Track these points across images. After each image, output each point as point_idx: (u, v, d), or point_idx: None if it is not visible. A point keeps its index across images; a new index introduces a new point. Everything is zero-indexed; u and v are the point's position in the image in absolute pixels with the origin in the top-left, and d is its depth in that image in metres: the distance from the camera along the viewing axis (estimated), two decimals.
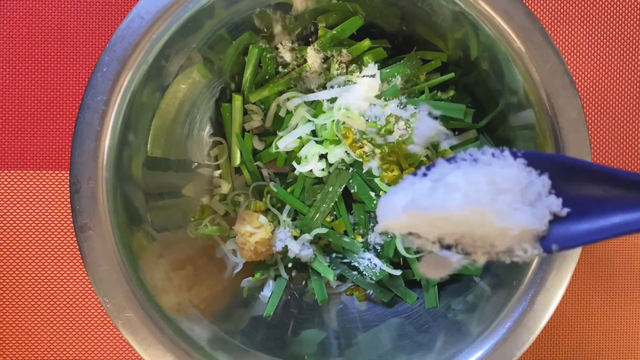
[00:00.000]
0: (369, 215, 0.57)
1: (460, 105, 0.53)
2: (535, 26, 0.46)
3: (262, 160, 0.58)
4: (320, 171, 0.54)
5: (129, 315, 0.46)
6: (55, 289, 0.61)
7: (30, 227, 0.61)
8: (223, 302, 0.56)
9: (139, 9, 0.45)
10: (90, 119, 0.45)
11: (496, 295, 0.50)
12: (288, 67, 0.56)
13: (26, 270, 0.61)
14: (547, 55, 0.45)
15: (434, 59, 0.55)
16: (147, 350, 0.46)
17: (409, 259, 0.55)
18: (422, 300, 0.56)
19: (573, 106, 0.45)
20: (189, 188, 0.57)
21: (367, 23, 0.55)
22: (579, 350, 0.62)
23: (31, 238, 0.61)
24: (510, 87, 0.49)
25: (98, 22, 0.60)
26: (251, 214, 0.56)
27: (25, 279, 0.61)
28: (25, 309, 0.61)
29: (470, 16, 0.47)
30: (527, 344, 0.46)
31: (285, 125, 0.56)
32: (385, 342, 0.54)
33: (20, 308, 0.61)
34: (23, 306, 0.61)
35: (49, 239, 0.61)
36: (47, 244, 0.61)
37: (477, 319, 0.50)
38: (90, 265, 0.45)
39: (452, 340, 0.50)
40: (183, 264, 0.53)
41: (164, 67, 0.49)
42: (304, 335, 0.56)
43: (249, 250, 0.56)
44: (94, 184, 0.45)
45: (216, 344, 0.50)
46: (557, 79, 0.45)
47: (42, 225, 0.61)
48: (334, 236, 0.56)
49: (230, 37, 0.53)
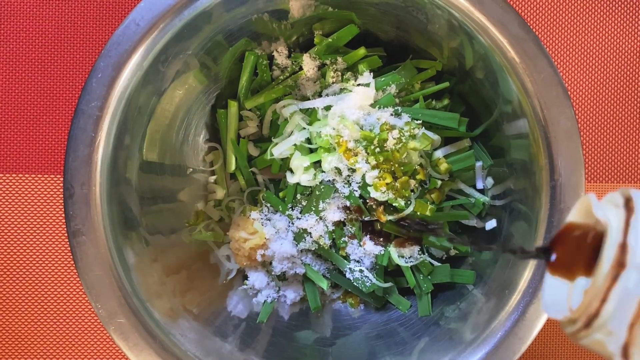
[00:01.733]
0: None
1: (454, 114, 0.53)
2: (529, 36, 0.46)
3: (257, 166, 0.58)
4: (308, 181, 0.54)
5: (121, 321, 0.46)
6: (47, 294, 0.61)
7: (23, 230, 0.61)
8: (217, 308, 0.56)
9: (135, 16, 0.45)
10: (84, 124, 0.45)
11: (488, 304, 0.50)
12: (284, 74, 0.57)
13: (19, 273, 0.61)
14: (541, 66, 0.46)
15: (429, 68, 0.55)
16: (139, 356, 0.46)
17: (403, 267, 0.55)
18: (416, 308, 0.56)
19: (566, 116, 0.46)
20: (184, 193, 0.57)
21: (362, 31, 0.55)
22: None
23: (24, 242, 0.61)
24: (504, 96, 0.49)
25: (94, 27, 0.61)
26: (246, 220, 0.56)
27: (18, 283, 0.61)
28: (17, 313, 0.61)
29: (465, 26, 0.47)
30: (518, 353, 0.46)
31: (280, 132, 0.56)
32: (379, 349, 0.54)
33: (12, 314, 0.60)
34: (15, 312, 0.61)
35: (42, 243, 0.61)
36: (41, 248, 0.61)
37: (469, 328, 0.50)
38: (83, 270, 0.45)
39: (444, 348, 0.50)
40: (177, 269, 0.53)
41: (160, 73, 0.49)
42: (297, 341, 0.56)
43: (243, 256, 0.56)
44: (87, 189, 0.45)
45: (209, 350, 0.50)
46: (551, 89, 0.46)
47: (35, 229, 0.61)
48: (323, 250, 0.56)
49: (226, 43, 0.53)
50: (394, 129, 0.51)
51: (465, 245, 0.56)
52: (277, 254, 0.55)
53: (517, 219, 0.51)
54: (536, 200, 0.47)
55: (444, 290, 0.56)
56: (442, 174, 0.54)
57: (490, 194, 0.55)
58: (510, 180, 0.52)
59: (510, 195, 0.52)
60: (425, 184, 0.54)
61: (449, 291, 0.56)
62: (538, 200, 0.47)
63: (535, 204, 0.47)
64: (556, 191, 0.46)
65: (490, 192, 0.55)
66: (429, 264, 0.56)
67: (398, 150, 0.50)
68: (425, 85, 0.56)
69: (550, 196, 0.46)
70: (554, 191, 0.46)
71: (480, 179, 0.56)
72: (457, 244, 0.56)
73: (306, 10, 0.52)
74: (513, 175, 0.51)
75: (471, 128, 0.55)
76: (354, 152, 0.51)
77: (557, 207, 0.46)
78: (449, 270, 0.55)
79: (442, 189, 0.54)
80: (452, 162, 0.54)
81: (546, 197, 0.46)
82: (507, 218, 0.53)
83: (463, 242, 0.51)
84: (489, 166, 0.55)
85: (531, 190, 0.48)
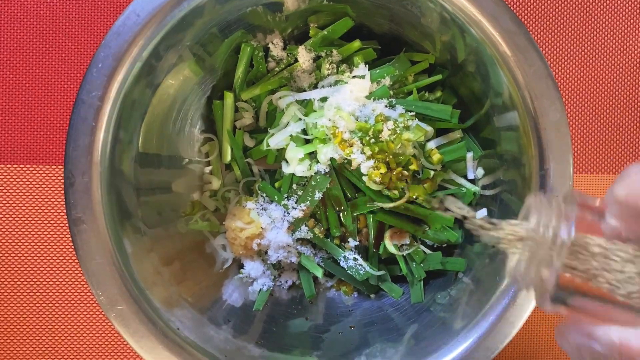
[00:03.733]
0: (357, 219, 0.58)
1: (447, 106, 0.54)
2: (520, 30, 0.47)
3: (253, 157, 0.59)
4: (303, 172, 0.55)
5: (121, 307, 0.46)
6: (47, 283, 0.61)
7: (24, 221, 0.61)
8: (213, 296, 0.56)
9: (135, 6, 0.46)
10: (85, 114, 0.45)
11: (479, 291, 0.51)
12: (279, 66, 0.57)
13: (19, 263, 0.61)
14: (532, 59, 0.47)
15: (422, 61, 0.57)
16: (139, 342, 0.46)
17: (397, 256, 0.57)
18: (408, 295, 0.58)
19: (556, 108, 0.47)
20: (180, 184, 0.58)
21: (357, 24, 0.56)
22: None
23: (25, 232, 0.61)
24: (495, 89, 0.50)
25: (92, 18, 0.61)
26: (242, 209, 0.57)
27: (17, 273, 0.61)
28: (16, 303, 0.61)
29: (458, 19, 0.48)
30: (509, 337, 0.47)
31: (277, 123, 0.57)
32: (372, 336, 0.55)
33: (11, 303, 0.61)
34: (14, 301, 0.61)
35: (42, 233, 0.61)
36: (41, 237, 0.61)
37: (461, 314, 0.51)
38: (84, 258, 0.46)
39: (436, 334, 0.51)
40: (173, 259, 0.54)
41: (157, 64, 0.49)
42: (292, 328, 0.57)
43: (239, 246, 0.56)
44: (88, 178, 0.46)
45: (206, 337, 0.50)
46: (541, 82, 0.47)
47: (36, 219, 0.61)
48: (317, 239, 0.57)
49: (222, 35, 0.53)
50: (389, 120, 0.52)
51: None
52: (273, 243, 0.56)
53: (507, 208, 0.52)
54: (525, 190, 0.49)
55: (436, 278, 0.58)
56: (435, 165, 0.55)
57: (481, 184, 0.57)
58: (500, 171, 0.53)
59: (500, 185, 0.53)
60: (419, 174, 0.55)
61: (441, 278, 0.58)
62: (527, 189, 0.48)
63: (524, 194, 0.49)
64: (546, 180, 0.47)
65: (481, 182, 0.57)
66: (422, 252, 0.57)
67: (393, 141, 0.51)
68: (418, 78, 0.57)
69: (539, 185, 0.47)
70: (543, 180, 0.47)
71: (471, 170, 0.57)
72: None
73: (301, 3, 0.53)
74: (503, 166, 0.53)
75: (463, 120, 0.57)
76: (349, 142, 0.52)
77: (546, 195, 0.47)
78: (440, 258, 0.57)
79: (435, 179, 0.55)
80: (444, 153, 0.55)
81: (535, 186, 0.48)
82: (498, 207, 0.54)
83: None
84: (480, 157, 0.56)
85: (520, 180, 0.50)
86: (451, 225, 0.56)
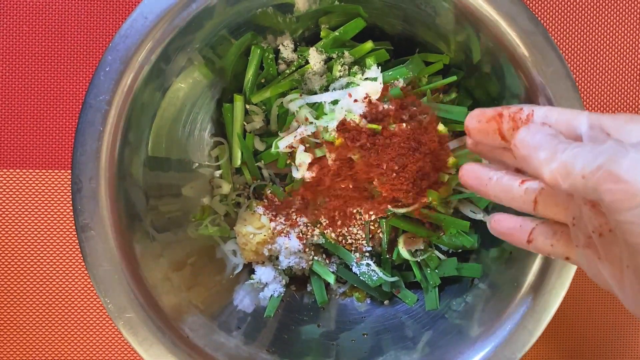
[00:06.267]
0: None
1: (462, 107, 0.53)
2: (538, 29, 0.46)
3: (264, 160, 0.58)
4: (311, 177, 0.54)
5: (130, 315, 0.45)
6: (56, 289, 0.61)
7: (31, 226, 0.60)
8: (223, 302, 0.56)
9: (143, 9, 0.45)
10: (92, 118, 0.45)
11: (496, 297, 0.50)
12: (290, 68, 0.56)
13: (27, 269, 0.60)
14: (550, 59, 0.46)
15: (436, 62, 0.55)
16: (148, 351, 0.46)
17: (411, 262, 0.56)
18: (423, 302, 0.56)
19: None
20: (190, 188, 0.57)
21: (369, 25, 0.55)
22: (579, 350, 0.62)
23: (32, 238, 0.60)
24: (512, 90, 0.49)
25: (99, 21, 0.60)
26: (252, 214, 0.56)
27: (26, 278, 0.60)
28: (25, 308, 0.60)
29: (473, 19, 0.47)
30: (527, 345, 0.46)
31: (287, 126, 0.56)
32: (385, 343, 0.54)
33: (21, 308, 0.60)
34: (23, 306, 0.60)
35: (49, 239, 0.60)
36: (48, 243, 0.60)
37: (477, 321, 0.50)
38: (91, 265, 0.45)
39: (452, 342, 0.50)
40: (183, 264, 0.53)
41: (166, 67, 0.49)
42: (303, 335, 0.56)
43: (250, 251, 0.56)
44: (95, 183, 0.45)
45: (216, 344, 0.50)
46: (559, 83, 0.46)
47: (43, 224, 0.60)
48: (329, 244, 0.56)
49: (232, 37, 0.53)
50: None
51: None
52: (284, 249, 0.55)
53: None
54: None
55: (451, 284, 0.57)
56: (450, 168, 0.54)
57: None
58: None
59: None
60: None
61: (456, 284, 0.56)
62: None
63: None
64: None
65: None
66: (436, 257, 0.56)
67: None
68: (432, 79, 0.56)
69: None
70: None
71: None
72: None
73: (312, 4, 0.52)
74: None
75: None
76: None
77: None
78: (455, 264, 0.55)
79: (450, 183, 0.54)
80: (459, 157, 0.54)
81: None
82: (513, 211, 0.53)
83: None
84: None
85: None
86: (467, 230, 0.55)
